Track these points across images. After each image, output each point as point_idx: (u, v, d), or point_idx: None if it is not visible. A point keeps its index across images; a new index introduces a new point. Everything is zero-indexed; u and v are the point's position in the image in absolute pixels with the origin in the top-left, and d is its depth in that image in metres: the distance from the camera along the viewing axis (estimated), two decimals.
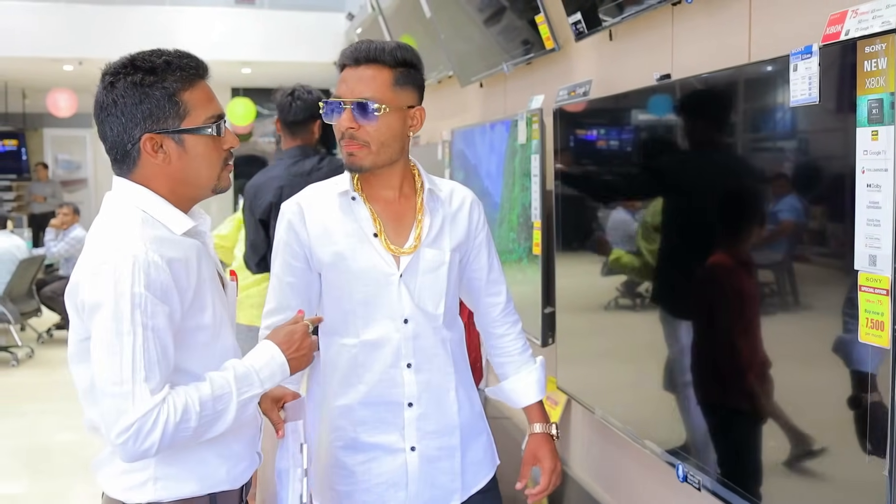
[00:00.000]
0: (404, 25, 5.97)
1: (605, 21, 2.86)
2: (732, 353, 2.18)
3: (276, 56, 11.14)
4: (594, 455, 3.27)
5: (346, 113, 1.90)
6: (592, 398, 3.00)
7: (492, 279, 2.16)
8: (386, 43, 1.93)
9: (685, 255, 2.42)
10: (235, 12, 11.25)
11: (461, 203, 2.08)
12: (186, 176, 1.66)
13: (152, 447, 1.51)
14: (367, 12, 7.27)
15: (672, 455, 2.44)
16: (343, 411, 2.03)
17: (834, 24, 1.72)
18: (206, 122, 1.65)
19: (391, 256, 1.97)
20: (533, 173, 3.44)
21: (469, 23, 4.46)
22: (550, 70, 3.62)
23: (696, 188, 2.37)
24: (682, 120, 2.42)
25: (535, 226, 3.45)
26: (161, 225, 1.63)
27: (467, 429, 2.09)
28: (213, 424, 1.58)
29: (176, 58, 1.64)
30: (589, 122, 3.02)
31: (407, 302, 1.98)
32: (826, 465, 1.83)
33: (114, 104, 1.61)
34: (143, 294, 1.51)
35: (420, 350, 2.00)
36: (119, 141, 1.63)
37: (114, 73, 1.63)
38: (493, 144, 4.07)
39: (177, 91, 1.62)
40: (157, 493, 1.65)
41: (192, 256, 1.64)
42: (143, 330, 1.50)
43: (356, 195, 1.99)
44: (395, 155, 1.96)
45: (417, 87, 1.98)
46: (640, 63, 2.78)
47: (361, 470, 2.02)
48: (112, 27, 10.31)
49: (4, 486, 4.69)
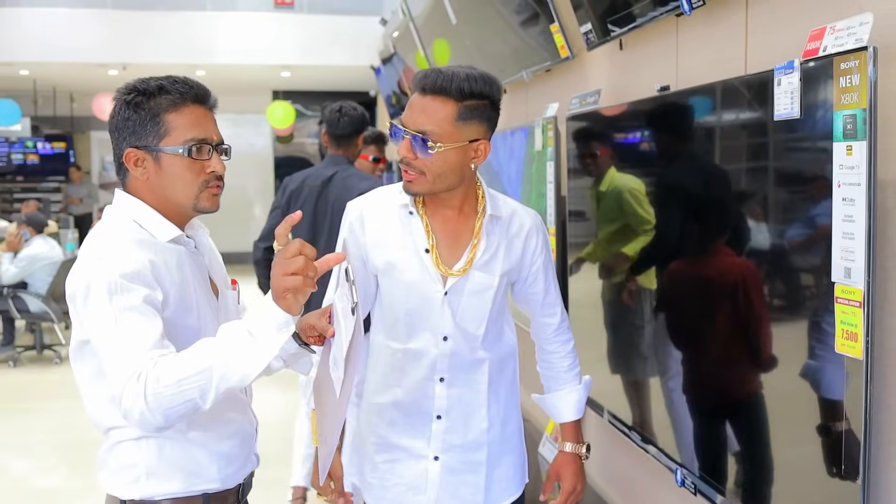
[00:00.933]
0: (435, 31, 6.03)
1: (613, 31, 2.91)
2: (718, 359, 2.21)
3: (314, 60, 11.28)
4: (605, 457, 3.31)
5: (405, 142, 1.90)
6: (601, 401, 3.04)
7: (547, 302, 2.18)
8: (457, 73, 1.89)
9: (677, 261, 2.46)
10: (274, 17, 11.39)
11: (520, 228, 2.08)
12: (164, 192, 1.76)
13: (146, 417, 1.50)
14: (400, 18, 7.35)
15: (670, 460, 2.48)
16: (378, 409, 2.10)
17: (814, 40, 1.76)
18: (183, 143, 1.73)
19: (439, 274, 1.99)
20: (548, 180, 3.49)
21: (491, 29, 4.51)
22: (566, 78, 3.67)
23: (684, 198, 2.41)
24: (674, 131, 2.46)
25: (549, 231, 3.50)
26: (146, 232, 1.73)
27: (496, 446, 2.12)
28: (204, 387, 1.51)
29: (171, 83, 1.75)
30: (596, 132, 3.06)
31: (448, 320, 2.01)
32: (794, 469, 1.87)
33: (111, 119, 1.76)
34: (118, 281, 1.60)
35: (455, 367, 2.04)
36: (116, 154, 1.77)
37: (119, 92, 1.76)
38: (512, 151, 4.12)
39: (160, 112, 1.73)
40: (149, 489, 1.73)
41: (172, 260, 1.73)
42: (118, 310, 1.58)
43: (413, 210, 2.01)
44: (453, 185, 1.95)
45: (486, 119, 1.93)
46: (648, 73, 2.82)
47: (386, 468, 2.10)
48: (154, 33, 10.56)
49: (45, 479, 4.85)
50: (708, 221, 2.28)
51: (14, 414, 6.15)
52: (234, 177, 15.25)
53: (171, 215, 1.78)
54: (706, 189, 2.32)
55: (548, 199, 3.50)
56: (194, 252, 1.83)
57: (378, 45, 9.81)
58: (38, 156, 14.15)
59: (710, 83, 2.20)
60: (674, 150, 2.50)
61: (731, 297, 2.16)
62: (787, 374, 1.90)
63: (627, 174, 2.81)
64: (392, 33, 8.29)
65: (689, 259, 2.41)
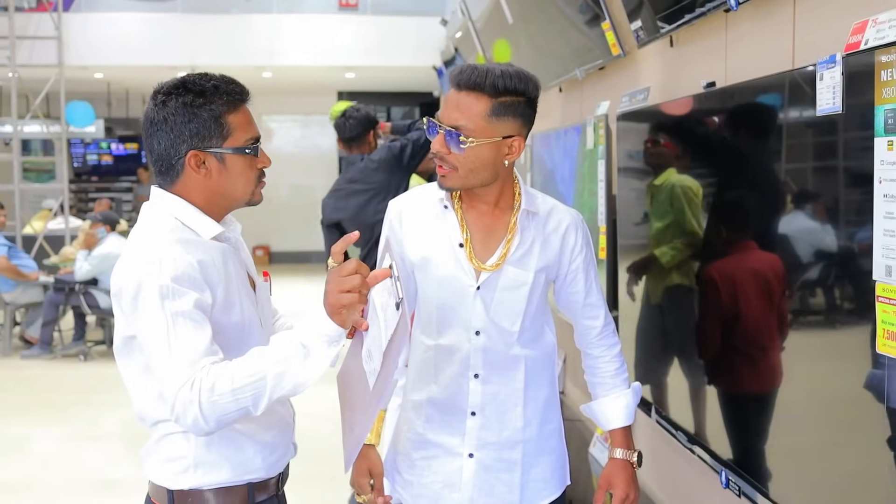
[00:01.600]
0: (495, 32, 6.04)
1: (662, 28, 2.88)
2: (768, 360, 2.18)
3: (378, 61, 11.38)
4: (652, 456, 3.28)
5: (439, 136, 1.91)
6: (650, 399, 3.02)
7: (589, 303, 2.12)
8: (492, 69, 1.88)
9: (723, 259, 2.42)
10: (339, 18, 11.53)
11: (557, 225, 2.05)
12: (224, 190, 1.79)
13: (198, 422, 1.57)
14: (460, 18, 7.38)
15: (716, 460, 2.45)
16: (415, 405, 2.11)
17: (856, 34, 1.72)
18: (245, 143, 1.78)
19: (472, 268, 1.99)
20: (599, 178, 3.47)
21: (545, 28, 4.51)
22: (619, 76, 3.64)
23: (732, 195, 2.38)
24: (723, 128, 2.43)
25: (600, 230, 3.49)
26: (190, 230, 1.75)
27: (533, 445, 2.09)
28: (257, 395, 1.58)
29: (223, 83, 1.78)
30: (645, 129, 3.03)
31: (481, 314, 2.00)
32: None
33: (164, 121, 1.74)
34: (170, 285, 1.63)
35: (490, 363, 2.03)
36: (165, 155, 1.76)
37: (166, 92, 1.76)
38: (566, 149, 4.11)
39: (222, 114, 1.75)
40: (197, 479, 1.77)
41: (218, 258, 1.76)
42: (172, 314, 1.62)
43: (448, 204, 2.02)
44: (487, 180, 1.95)
45: (520, 116, 1.92)
46: (697, 70, 2.78)
47: (422, 465, 2.11)
48: (222, 35, 10.79)
49: (115, 469, 4.99)
50: (748, 218, 2.24)
51: (85, 406, 6.34)
52: (300, 177, 15.53)
53: (215, 212, 1.81)
54: (751, 186, 2.29)
55: (599, 198, 3.48)
56: (235, 248, 1.86)
57: (441, 45, 9.85)
58: (112, 156, 14.57)
59: (756, 79, 2.17)
60: (722, 146, 2.47)
61: (768, 294, 2.13)
62: (843, 378, 1.85)
63: (682, 171, 2.78)
64: (454, 34, 8.33)
65: (731, 257, 2.38)
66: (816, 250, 1.95)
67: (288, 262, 14.47)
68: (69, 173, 12.86)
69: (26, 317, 8.30)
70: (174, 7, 11.21)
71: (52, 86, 10.61)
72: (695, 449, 2.62)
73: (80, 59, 10.95)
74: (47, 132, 11.34)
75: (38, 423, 5.95)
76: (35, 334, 8.12)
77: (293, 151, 15.00)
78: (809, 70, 1.85)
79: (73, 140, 14.08)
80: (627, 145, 3.17)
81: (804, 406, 2.00)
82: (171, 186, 1.79)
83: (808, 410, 1.98)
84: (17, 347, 8.11)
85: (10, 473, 5.01)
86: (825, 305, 1.95)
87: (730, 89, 2.34)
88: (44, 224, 10.61)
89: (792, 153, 2.06)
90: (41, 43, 10.67)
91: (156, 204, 1.80)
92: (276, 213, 14.76)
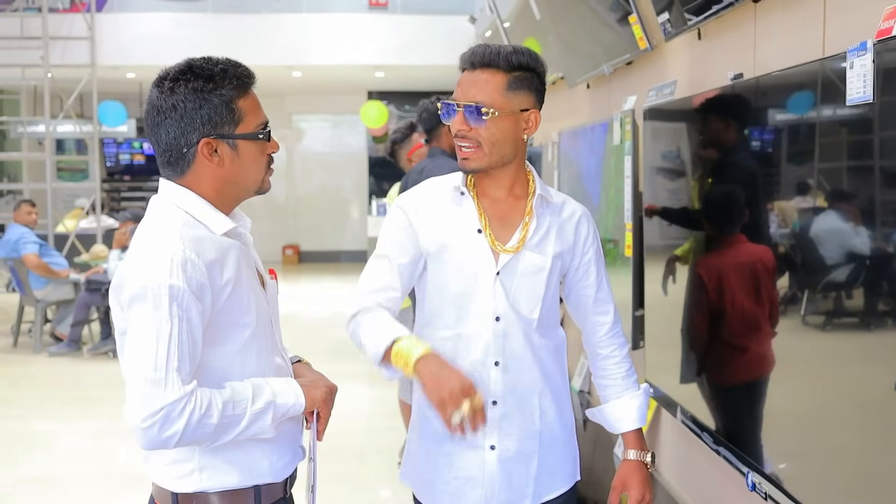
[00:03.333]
0: (524, 30, 5.99)
1: (689, 20, 2.82)
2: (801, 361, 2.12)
3: (408, 60, 11.38)
4: (679, 458, 3.22)
5: (458, 115, 1.96)
6: (677, 399, 2.95)
7: (600, 298, 2.14)
8: (503, 47, 1.96)
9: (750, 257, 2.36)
10: (368, 18, 11.53)
11: (571, 214, 2.09)
12: (237, 178, 1.73)
13: (174, 436, 1.57)
14: (489, 16, 7.34)
15: (742, 462, 2.38)
16: None
17: (889, 19, 1.66)
18: (256, 128, 1.73)
19: (491, 253, 2.00)
20: (626, 175, 3.41)
21: (574, 23, 4.45)
22: (646, 70, 3.58)
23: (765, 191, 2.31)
24: (752, 120, 2.37)
25: (626, 227, 3.42)
26: (202, 225, 1.70)
27: (547, 437, 2.10)
28: (229, 428, 1.64)
29: (231, 66, 1.71)
30: (671, 124, 2.97)
31: (501, 300, 2.01)
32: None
33: (173, 108, 1.67)
34: (181, 288, 1.59)
35: (509, 350, 2.03)
36: (175, 144, 1.69)
37: (173, 78, 1.69)
38: (593, 146, 4.05)
39: (233, 98, 1.69)
40: (202, 482, 1.73)
41: (229, 256, 1.71)
42: (178, 322, 1.58)
43: (465, 190, 2.04)
44: (508, 156, 1.99)
45: (534, 90, 1.99)
46: (725, 62, 2.72)
47: (443, 462, 2.09)
48: (251, 35, 10.83)
49: (140, 466, 4.99)
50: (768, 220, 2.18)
51: (113, 402, 6.37)
52: (330, 177, 15.59)
53: (225, 203, 1.75)
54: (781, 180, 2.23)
55: (625, 195, 3.42)
56: (246, 245, 1.80)
57: (472, 44, 9.79)
58: (144, 156, 14.68)
59: (785, 69, 2.11)
60: (756, 137, 2.40)
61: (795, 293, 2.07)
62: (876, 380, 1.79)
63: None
64: (483, 32, 8.29)
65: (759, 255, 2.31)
66: (849, 249, 1.89)
67: (317, 262, 14.50)
68: (101, 172, 12.99)
69: (57, 314, 8.37)
70: (204, 7, 11.28)
71: (84, 86, 10.72)
72: (720, 450, 2.55)
73: (112, 59, 11.05)
74: (80, 132, 11.47)
75: (65, 419, 5.99)
76: (65, 331, 8.19)
77: (323, 151, 15.04)
78: (839, 58, 1.79)
79: (106, 139, 14.22)
80: (654, 140, 3.11)
81: (834, 407, 1.94)
82: (181, 178, 1.73)
83: (838, 412, 1.92)
84: (47, 344, 8.19)
85: (38, 469, 5.05)
86: (863, 306, 1.88)
87: (760, 80, 2.27)
88: (76, 223, 10.72)
89: (823, 147, 1.99)
90: (74, 43, 10.79)
91: (165, 197, 1.74)
92: (306, 212, 14.82)
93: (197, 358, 1.63)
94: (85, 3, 10.89)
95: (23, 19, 10.79)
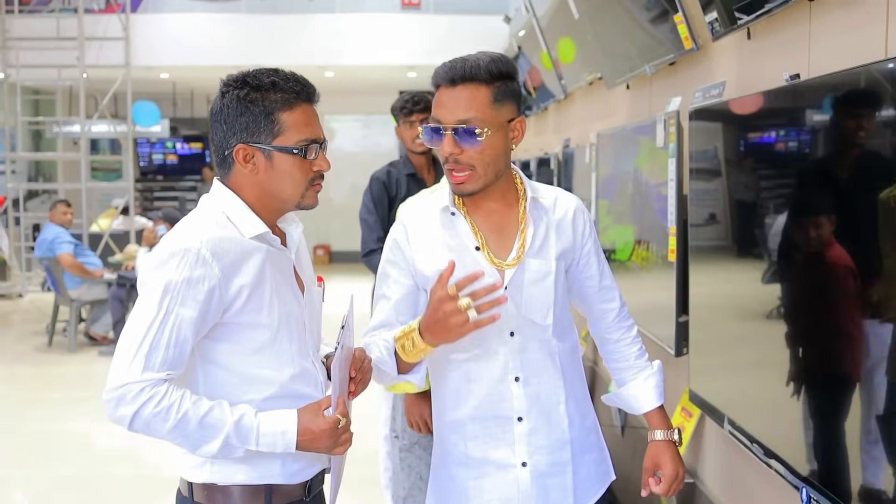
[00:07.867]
0: (560, 29, 5.92)
1: (740, 19, 2.74)
2: None
3: (440, 60, 11.18)
4: (726, 470, 3.14)
5: (447, 138, 1.86)
6: (723, 409, 2.87)
7: (604, 286, 2.12)
8: (479, 58, 1.88)
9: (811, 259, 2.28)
10: (401, 17, 11.51)
11: (565, 211, 2.04)
12: (271, 189, 1.76)
13: (126, 417, 1.62)
14: (524, 15, 7.27)
15: (796, 476, 2.30)
16: (454, 426, 2.03)
17: None
18: (297, 143, 1.74)
19: (494, 269, 1.94)
20: (669, 178, 3.33)
21: (613, 23, 4.38)
22: (691, 71, 3.50)
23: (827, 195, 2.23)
24: (811, 122, 2.28)
25: (670, 231, 3.35)
26: (233, 227, 1.73)
27: (578, 443, 2.06)
28: (192, 444, 1.66)
29: (283, 80, 1.75)
30: (720, 126, 2.89)
31: (513, 314, 1.96)
32: None
33: (220, 112, 1.75)
34: (179, 283, 1.63)
35: (528, 363, 1.98)
36: (220, 146, 1.76)
37: (227, 84, 1.77)
38: (631, 148, 3.98)
39: (275, 110, 1.73)
40: (212, 475, 1.77)
41: (251, 259, 1.73)
42: (165, 314, 1.62)
43: (455, 210, 1.97)
44: (502, 171, 1.94)
45: (515, 97, 1.92)
46: (777, 62, 2.64)
47: (473, 486, 2.02)
48: (285, 35, 10.85)
49: (175, 468, 5.01)
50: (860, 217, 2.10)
51: None
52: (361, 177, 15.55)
53: (268, 212, 1.78)
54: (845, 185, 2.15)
55: (668, 199, 3.34)
56: (280, 250, 1.82)
57: (504, 44, 9.74)
58: (177, 156, 14.80)
59: (846, 70, 2.03)
60: (814, 141, 2.33)
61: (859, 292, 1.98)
62: None
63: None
64: (517, 32, 8.22)
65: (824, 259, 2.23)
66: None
67: (348, 262, 14.51)
68: (135, 172, 13.08)
69: (91, 313, 8.43)
70: (238, 7, 11.31)
71: (119, 86, 10.81)
72: (771, 463, 2.47)
73: (146, 60, 11.13)
74: (114, 132, 11.57)
75: (100, 420, 5.97)
76: (100, 331, 8.24)
77: (354, 151, 15.05)
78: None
79: (140, 139, 14.33)
80: (700, 143, 3.03)
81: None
82: (226, 179, 1.78)
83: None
84: (81, 344, 8.23)
85: (72, 470, 5.07)
86: None
87: (819, 80, 2.19)
88: (110, 222, 10.80)
89: (885, 149, 1.91)
90: (108, 44, 10.87)
91: (213, 195, 1.80)
92: (337, 212, 14.84)
93: (181, 354, 1.65)
94: (120, 3, 10.97)
95: (59, 20, 10.90)
